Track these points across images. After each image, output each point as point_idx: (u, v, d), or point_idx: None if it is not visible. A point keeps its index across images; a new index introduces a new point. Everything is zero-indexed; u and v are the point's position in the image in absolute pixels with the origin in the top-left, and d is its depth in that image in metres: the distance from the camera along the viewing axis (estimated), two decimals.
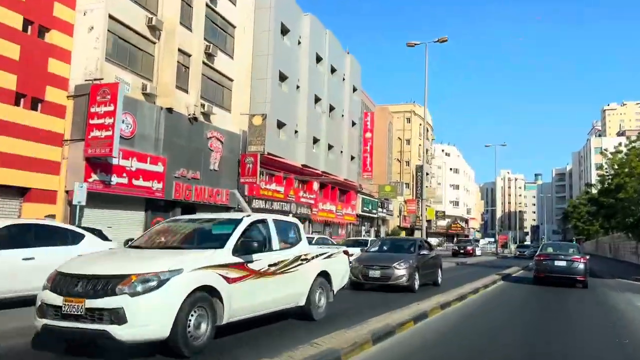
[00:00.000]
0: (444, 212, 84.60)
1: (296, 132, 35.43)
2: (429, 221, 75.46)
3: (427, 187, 73.78)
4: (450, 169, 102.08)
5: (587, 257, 17.33)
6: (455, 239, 55.02)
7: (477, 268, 27.31)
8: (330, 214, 42.24)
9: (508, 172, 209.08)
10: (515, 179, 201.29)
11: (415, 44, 29.04)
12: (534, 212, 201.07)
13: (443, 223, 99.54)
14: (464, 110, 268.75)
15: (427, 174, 74.84)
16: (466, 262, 32.86)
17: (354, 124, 46.74)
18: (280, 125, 33.31)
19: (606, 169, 40.88)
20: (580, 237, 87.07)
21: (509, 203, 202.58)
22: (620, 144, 42.55)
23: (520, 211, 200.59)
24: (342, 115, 44.03)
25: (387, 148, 59.53)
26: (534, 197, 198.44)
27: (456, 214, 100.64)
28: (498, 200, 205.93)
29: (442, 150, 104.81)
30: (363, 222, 54.01)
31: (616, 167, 39.26)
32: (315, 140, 38.88)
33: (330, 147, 40.91)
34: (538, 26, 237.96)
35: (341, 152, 43.83)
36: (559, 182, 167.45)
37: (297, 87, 35.43)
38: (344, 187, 45.97)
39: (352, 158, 46.76)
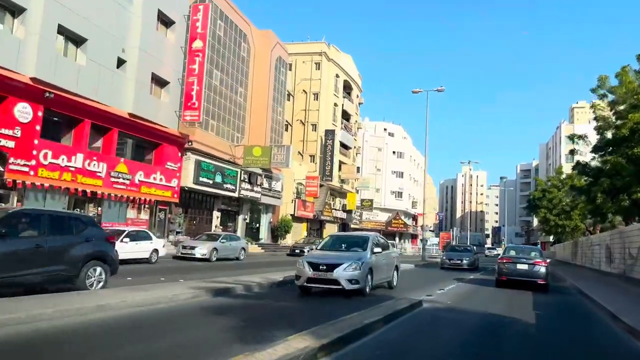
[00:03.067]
0: (371, 201, 64.68)
1: None
2: (349, 211, 55.62)
3: (347, 164, 54.22)
4: (394, 152, 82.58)
5: (548, 260, 17.36)
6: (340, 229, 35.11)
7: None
8: (85, 177, 21.63)
9: (470, 169, 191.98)
10: (477, 176, 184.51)
11: None
12: (497, 213, 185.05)
13: (382, 217, 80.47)
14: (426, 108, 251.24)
15: (347, 147, 55.08)
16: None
17: (168, 23, 26.28)
18: None
19: (612, 101, 21.68)
20: (548, 239, 68.89)
21: (470, 202, 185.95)
22: (626, 67, 23.20)
23: (481, 211, 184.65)
24: None
25: (271, 96, 39.34)
26: (497, 196, 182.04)
27: (399, 207, 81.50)
28: (458, 198, 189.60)
29: (385, 130, 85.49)
30: (216, 205, 33.63)
31: (633, 100, 20.17)
32: (16, 11, 18.22)
33: (77, 41, 20.26)
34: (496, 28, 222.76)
35: (123, 62, 23.24)
36: (524, 180, 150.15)
37: None
38: (147, 134, 25.42)
39: (163, 84, 26.29)
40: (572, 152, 22.06)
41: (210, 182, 30.57)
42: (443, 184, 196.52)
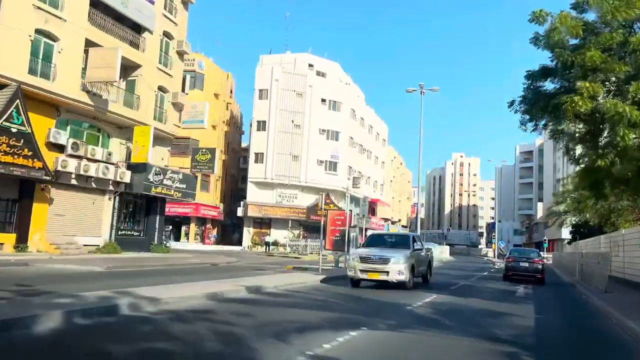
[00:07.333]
0: (210, 151, 34.16)
1: None
2: (137, 167, 25.43)
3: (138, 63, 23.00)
4: (323, 100, 52.94)
5: (545, 259, 23.53)
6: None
7: None
8: None
9: (461, 156, 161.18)
10: (469, 164, 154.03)
11: None
12: (493, 208, 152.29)
13: (304, 201, 51.22)
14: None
15: (137, 27, 25.21)
16: None
17: None
18: None
19: None
20: (558, 235, 39.92)
21: (461, 195, 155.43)
22: None
23: (474, 205, 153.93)
24: None
25: None
26: (493, 188, 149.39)
27: (330, 186, 51.90)
28: (447, 191, 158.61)
29: (311, 66, 55.58)
30: None
31: None
32: None
33: None
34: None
35: None
36: (524, 164, 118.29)
37: None
38: None
39: None
40: None
41: None
42: (430, 174, 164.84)
